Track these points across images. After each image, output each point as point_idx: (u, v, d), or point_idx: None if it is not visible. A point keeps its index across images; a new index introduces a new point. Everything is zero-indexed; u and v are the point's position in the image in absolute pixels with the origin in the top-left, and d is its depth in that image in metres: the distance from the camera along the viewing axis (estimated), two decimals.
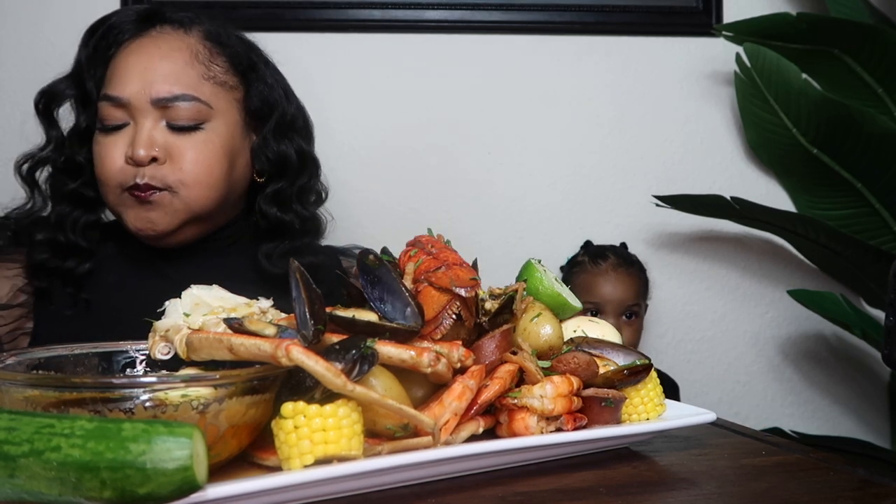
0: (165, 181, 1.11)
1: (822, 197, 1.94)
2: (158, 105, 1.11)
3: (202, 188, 1.13)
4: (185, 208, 1.13)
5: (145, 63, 1.13)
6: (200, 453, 0.49)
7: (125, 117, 1.12)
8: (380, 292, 0.71)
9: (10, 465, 0.48)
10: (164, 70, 1.12)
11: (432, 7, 1.91)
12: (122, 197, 1.12)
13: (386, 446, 0.62)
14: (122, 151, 1.11)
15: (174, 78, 1.12)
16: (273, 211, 1.22)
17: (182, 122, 1.12)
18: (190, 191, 1.12)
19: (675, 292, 2.01)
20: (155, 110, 1.11)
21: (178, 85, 1.12)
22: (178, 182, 1.11)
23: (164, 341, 0.69)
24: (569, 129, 1.98)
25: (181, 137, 1.12)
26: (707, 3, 1.97)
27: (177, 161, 1.11)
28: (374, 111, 1.93)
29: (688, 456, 0.76)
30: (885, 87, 1.83)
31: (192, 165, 1.12)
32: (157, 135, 1.11)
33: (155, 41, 1.16)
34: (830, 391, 2.08)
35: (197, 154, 1.12)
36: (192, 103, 1.13)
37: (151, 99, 1.11)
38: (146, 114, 1.11)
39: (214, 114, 1.15)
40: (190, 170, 1.12)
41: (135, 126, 1.11)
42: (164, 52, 1.14)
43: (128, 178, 1.11)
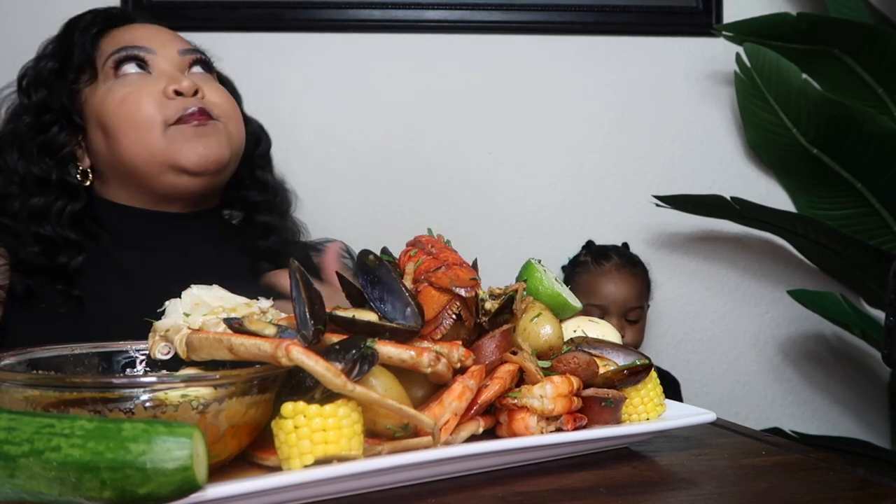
0: (213, 111, 1.14)
1: (822, 197, 1.94)
2: (183, 55, 1.18)
3: (239, 124, 1.20)
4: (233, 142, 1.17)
5: (156, 31, 1.20)
6: (200, 453, 0.49)
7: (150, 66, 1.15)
8: (380, 292, 0.71)
9: (10, 465, 0.48)
10: (172, 34, 1.21)
11: (432, 7, 1.91)
12: (172, 132, 1.10)
13: (386, 446, 0.62)
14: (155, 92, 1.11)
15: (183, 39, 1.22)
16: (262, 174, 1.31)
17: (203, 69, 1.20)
18: (233, 125, 1.18)
19: (675, 292, 2.01)
20: (178, 60, 1.17)
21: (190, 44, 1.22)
22: (222, 112, 1.16)
23: (164, 341, 0.69)
24: (569, 129, 1.98)
25: (206, 79, 1.19)
26: (707, 3, 1.97)
27: (212, 96, 1.16)
28: (373, 111, 1.93)
29: (688, 456, 0.76)
30: (885, 87, 1.83)
31: (224, 101, 1.18)
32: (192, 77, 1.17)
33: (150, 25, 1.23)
34: (830, 391, 2.08)
35: (222, 92, 1.20)
36: (206, 59, 1.23)
37: (178, 49, 1.18)
38: (173, 61, 1.17)
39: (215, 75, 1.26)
40: (224, 104, 1.18)
41: (163, 72, 1.15)
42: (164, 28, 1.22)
43: (175, 110, 1.11)
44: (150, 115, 1.10)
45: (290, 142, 1.93)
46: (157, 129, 1.10)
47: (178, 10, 1.88)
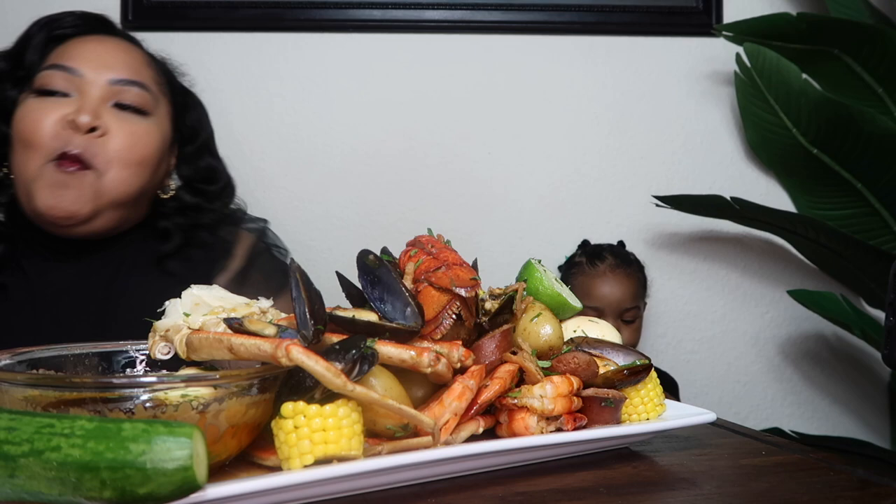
0: (95, 158, 1.10)
1: (822, 197, 1.94)
2: (113, 84, 1.14)
3: (128, 173, 1.14)
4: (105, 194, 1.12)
5: (105, 51, 1.17)
6: (200, 453, 0.49)
7: (71, 88, 1.12)
8: (380, 292, 0.71)
9: (10, 465, 0.48)
10: (126, 60, 1.18)
11: (432, 7, 1.91)
12: (44, 170, 1.09)
13: (386, 446, 0.62)
14: (57, 118, 1.10)
15: (133, 68, 1.18)
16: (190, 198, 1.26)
17: (130, 103, 1.15)
18: (116, 173, 1.12)
19: (675, 292, 2.01)
20: (107, 89, 1.14)
21: (136, 75, 1.17)
22: (107, 161, 1.11)
23: (164, 341, 0.69)
24: (569, 129, 1.98)
25: (125, 119, 1.14)
26: (707, 3, 1.97)
27: (115, 137, 1.12)
28: (374, 111, 1.93)
29: (688, 456, 0.76)
30: (885, 87, 1.83)
31: (127, 146, 1.13)
32: (103, 110, 1.13)
33: (112, 39, 1.21)
34: (830, 391, 2.08)
35: (135, 137, 1.14)
36: (144, 92, 1.17)
37: (109, 79, 1.14)
38: (98, 89, 1.13)
39: (157, 112, 1.20)
40: (124, 150, 1.13)
41: (81, 97, 1.12)
42: (121, 47, 1.20)
43: (60, 144, 1.09)
44: (40, 141, 1.09)
45: (290, 141, 1.93)
46: (39, 160, 1.09)
47: (178, 10, 1.88)
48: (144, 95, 1.17)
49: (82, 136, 1.09)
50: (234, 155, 1.93)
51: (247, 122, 1.91)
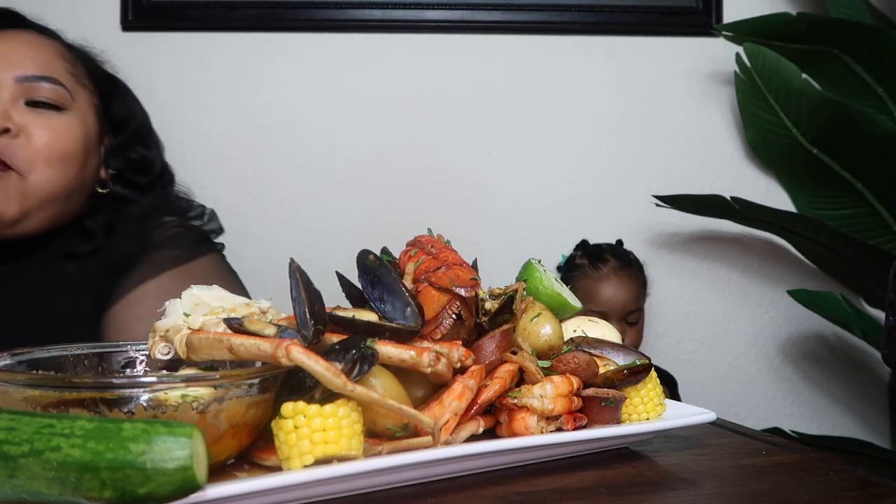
0: (15, 159, 1.06)
1: (822, 197, 1.94)
2: (21, 82, 1.09)
3: (52, 171, 1.09)
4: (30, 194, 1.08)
5: (13, 47, 1.12)
6: (200, 453, 0.49)
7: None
8: (380, 292, 0.71)
9: (10, 465, 0.48)
10: (32, 55, 1.12)
11: (432, 7, 1.91)
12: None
13: (386, 446, 0.62)
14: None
15: (42, 63, 1.12)
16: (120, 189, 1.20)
17: (44, 100, 1.10)
18: (40, 173, 1.08)
19: (675, 292, 2.01)
20: (16, 87, 1.09)
21: (45, 69, 1.12)
22: (28, 161, 1.07)
23: (164, 341, 0.69)
24: (569, 129, 1.98)
25: (40, 116, 1.10)
26: (707, 3, 1.97)
27: (32, 138, 1.08)
28: (373, 111, 1.93)
29: (688, 456, 0.76)
30: (885, 87, 1.84)
31: (47, 143, 1.09)
32: (13, 110, 1.08)
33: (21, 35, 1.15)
34: (830, 391, 2.08)
35: (53, 134, 1.10)
36: (56, 87, 1.12)
37: (16, 76, 1.09)
38: (6, 89, 1.08)
39: (75, 105, 1.15)
40: (44, 148, 1.08)
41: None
42: (31, 43, 1.14)
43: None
44: None
45: (290, 142, 1.93)
46: None
47: (178, 10, 1.88)
48: (57, 90, 1.11)
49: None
50: (234, 155, 1.94)
51: (246, 122, 1.91)
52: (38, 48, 1.15)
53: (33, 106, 1.10)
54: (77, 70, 1.18)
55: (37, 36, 1.17)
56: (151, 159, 1.26)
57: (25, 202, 1.08)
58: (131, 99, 1.28)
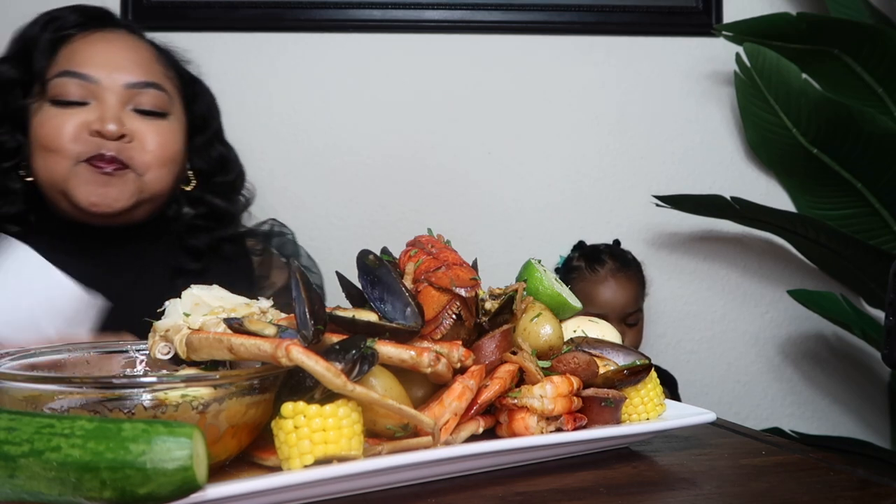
0: (132, 161, 1.14)
1: (822, 197, 1.94)
2: (129, 88, 1.16)
3: (164, 171, 1.19)
4: (146, 190, 1.17)
5: (115, 51, 1.18)
6: (200, 453, 0.49)
7: (87, 96, 1.14)
8: (380, 292, 0.71)
9: (10, 465, 0.48)
10: (135, 58, 1.19)
11: (432, 7, 1.91)
12: (77, 169, 1.12)
13: (386, 446, 0.62)
14: (79, 124, 1.12)
15: (145, 67, 1.19)
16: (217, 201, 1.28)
17: (149, 108, 1.17)
18: (154, 173, 1.17)
19: (675, 292, 2.01)
20: (124, 93, 1.15)
21: (149, 74, 1.19)
22: (144, 164, 1.16)
23: (164, 341, 0.69)
24: (569, 129, 1.98)
25: (147, 122, 1.17)
26: (707, 3, 1.97)
27: (144, 143, 1.16)
28: (373, 111, 1.93)
29: (688, 456, 0.76)
30: (885, 87, 1.83)
31: (158, 148, 1.17)
32: (124, 115, 1.15)
33: (118, 36, 1.21)
34: (830, 391, 2.08)
35: (162, 138, 1.18)
36: (160, 92, 1.19)
37: (125, 83, 1.15)
38: (115, 95, 1.14)
39: (174, 108, 1.22)
40: (156, 152, 1.17)
41: (100, 105, 1.13)
42: (129, 45, 1.20)
43: (89, 147, 1.11)
44: (64, 146, 1.12)
45: (290, 142, 1.93)
46: (67, 162, 1.12)
47: (178, 10, 1.88)
48: (161, 96, 1.19)
49: (110, 143, 1.12)
50: None
51: (247, 123, 1.91)
52: (140, 52, 1.21)
53: (140, 113, 1.17)
54: (170, 72, 1.25)
55: (134, 38, 1.23)
56: (231, 158, 1.34)
57: (140, 196, 1.17)
58: (211, 98, 1.35)
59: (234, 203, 1.34)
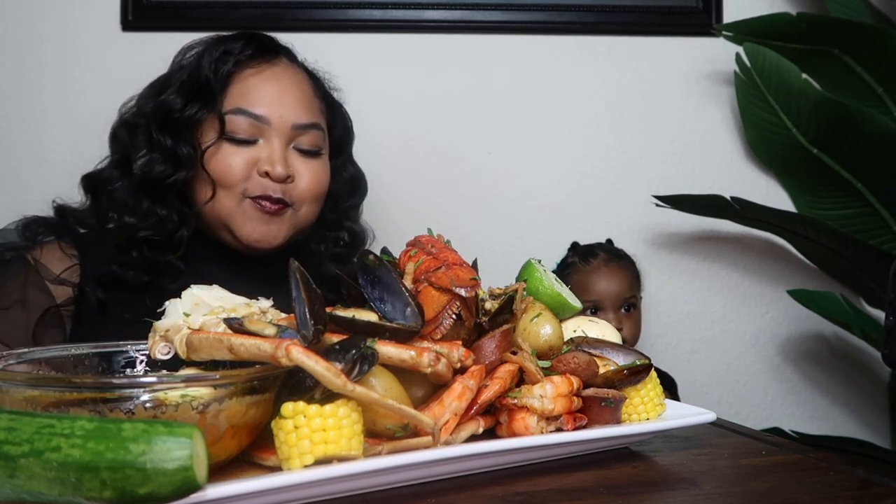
0: (292, 198, 1.22)
1: (822, 197, 1.94)
2: (296, 129, 1.22)
3: (315, 206, 1.27)
4: (299, 224, 1.25)
5: (284, 89, 1.23)
6: (200, 453, 0.49)
7: (257, 134, 1.20)
8: (380, 292, 0.71)
9: (10, 465, 0.48)
10: (301, 97, 1.24)
11: (432, 7, 1.91)
12: (243, 206, 1.19)
13: (386, 446, 0.62)
14: (248, 161, 1.18)
15: (309, 107, 1.25)
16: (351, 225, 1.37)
17: (309, 148, 1.24)
18: (307, 208, 1.25)
19: (675, 292, 2.01)
20: (290, 133, 1.22)
21: (312, 115, 1.25)
22: (300, 200, 1.23)
23: (164, 341, 0.69)
24: (569, 129, 1.98)
25: (305, 161, 1.24)
26: (707, 3, 1.97)
27: (300, 181, 1.23)
28: (373, 111, 1.93)
29: (688, 456, 0.76)
30: (885, 87, 1.83)
31: (314, 187, 1.24)
32: (289, 156, 1.22)
33: (284, 70, 1.26)
34: (830, 391, 2.08)
35: (316, 177, 1.25)
36: (319, 132, 1.26)
37: (294, 124, 1.21)
38: (282, 135, 1.21)
39: (326, 146, 1.29)
40: (310, 190, 1.24)
41: (268, 144, 1.20)
42: (294, 82, 1.26)
43: (255, 187, 1.18)
44: (235, 182, 1.18)
45: None
46: (235, 198, 1.19)
47: (178, 10, 1.88)
48: (320, 136, 1.26)
49: (276, 185, 1.19)
50: None
51: None
52: (304, 88, 1.27)
53: (300, 151, 1.24)
54: (322, 104, 1.31)
55: (296, 70, 1.29)
56: (360, 178, 1.41)
57: (294, 230, 1.25)
58: (348, 122, 1.41)
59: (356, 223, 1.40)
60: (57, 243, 1.20)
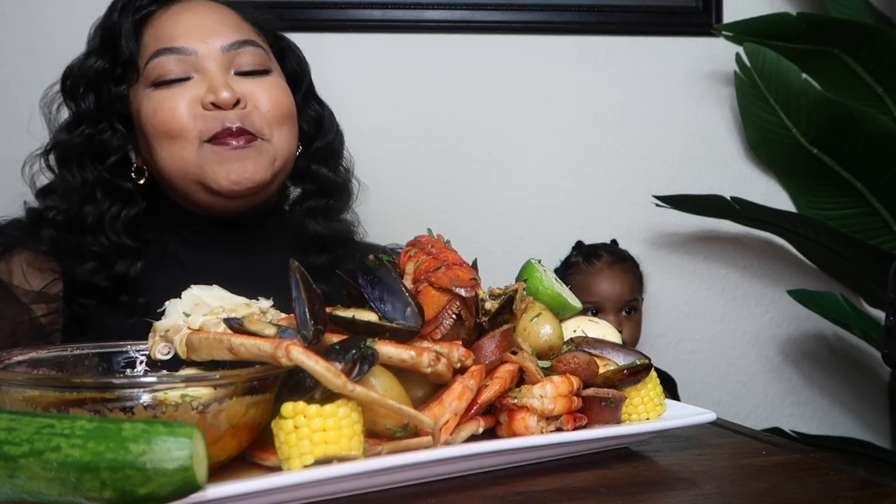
0: (255, 126, 1.06)
1: (822, 197, 1.94)
2: (227, 51, 1.08)
3: (286, 130, 1.11)
4: (278, 154, 1.09)
5: (201, 17, 1.10)
6: (200, 453, 0.49)
7: (188, 70, 1.07)
8: (380, 292, 0.71)
9: (10, 465, 0.48)
10: (222, 20, 1.11)
11: (432, 7, 1.91)
12: (205, 151, 1.04)
13: (386, 446, 0.62)
14: (190, 100, 1.05)
15: (236, 27, 1.12)
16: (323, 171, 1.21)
17: (251, 67, 1.10)
18: (279, 135, 1.09)
19: (675, 292, 2.01)
20: (223, 57, 1.08)
21: (241, 32, 1.11)
22: (266, 125, 1.08)
23: (164, 341, 0.69)
24: (569, 129, 1.98)
25: (253, 81, 1.09)
26: (707, 3, 1.97)
27: (258, 104, 1.08)
28: (373, 111, 1.93)
29: (688, 456, 0.76)
30: (885, 87, 1.83)
31: (274, 106, 1.09)
32: (231, 81, 1.07)
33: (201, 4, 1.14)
34: (830, 391, 2.08)
35: (273, 95, 1.10)
36: (258, 49, 1.12)
37: (221, 46, 1.08)
38: (216, 62, 1.07)
39: (273, 64, 1.15)
40: (273, 110, 1.09)
41: (204, 76, 1.06)
42: (211, 8, 1.13)
43: (211, 125, 1.04)
44: (183, 128, 1.04)
45: None
46: (190, 145, 1.05)
47: None
48: (259, 52, 1.12)
49: (230, 112, 1.05)
50: None
51: None
52: (223, 13, 1.13)
53: (243, 75, 1.09)
54: (256, 28, 1.17)
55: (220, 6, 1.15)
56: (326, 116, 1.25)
57: (274, 165, 1.09)
58: (298, 52, 1.27)
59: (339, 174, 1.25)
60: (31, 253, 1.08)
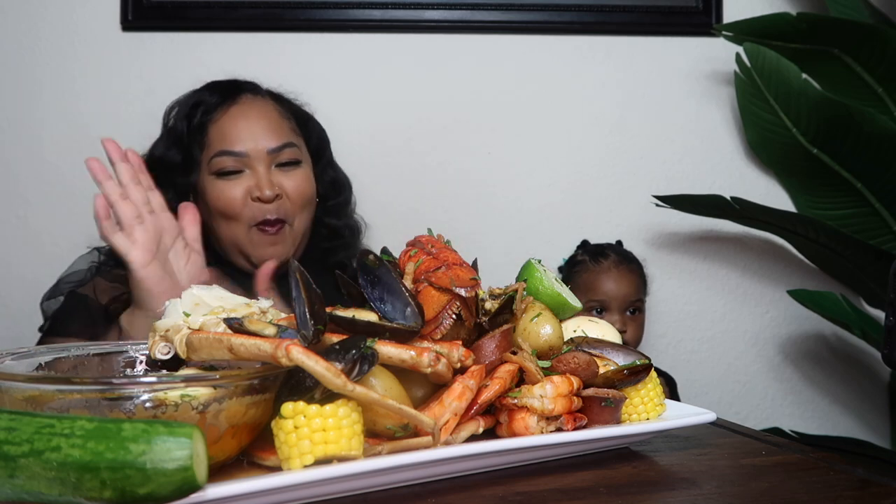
0: (286, 214, 1.39)
1: (822, 197, 1.94)
2: (272, 153, 1.40)
3: (306, 214, 1.43)
4: (297, 234, 1.42)
5: (253, 122, 1.41)
6: (200, 453, 0.49)
7: (241, 166, 1.38)
8: (380, 292, 0.71)
9: (10, 465, 0.48)
10: (269, 124, 1.42)
11: (432, 7, 1.91)
12: (251, 234, 1.38)
13: (386, 446, 0.62)
14: (243, 191, 1.37)
15: (278, 130, 1.42)
16: (334, 221, 1.52)
17: (288, 160, 1.41)
18: (300, 218, 1.42)
19: (675, 292, 2.01)
20: (268, 158, 1.39)
21: (283, 136, 1.42)
22: (292, 213, 1.40)
23: (164, 341, 0.69)
24: (569, 129, 1.98)
25: (286, 174, 1.41)
26: (707, 3, 1.97)
27: (289, 194, 1.40)
28: (373, 111, 1.93)
29: (688, 456, 0.76)
30: (885, 87, 1.83)
31: (299, 194, 1.41)
32: (272, 175, 1.39)
33: (250, 106, 1.44)
34: (830, 391, 2.08)
35: (300, 183, 1.42)
36: (293, 149, 1.43)
37: (268, 149, 1.39)
38: (262, 161, 1.39)
39: (304, 156, 1.45)
40: (298, 198, 1.41)
41: (253, 172, 1.38)
42: (260, 113, 1.44)
43: (256, 213, 1.37)
44: (239, 212, 1.38)
45: None
46: (242, 226, 1.38)
47: (178, 10, 1.88)
48: (295, 151, 1.43)
49: (269, 206, 1.37)
50: None
51: None
52: (270, 115, 1.44)
53: (280, 166, 1.41)
54: (292, 122, 1.48)
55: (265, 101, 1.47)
56: (340, 179, 1.57)
57: (295, 242, 1.43)
58: (322, 130, 1.56)
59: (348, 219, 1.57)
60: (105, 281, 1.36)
